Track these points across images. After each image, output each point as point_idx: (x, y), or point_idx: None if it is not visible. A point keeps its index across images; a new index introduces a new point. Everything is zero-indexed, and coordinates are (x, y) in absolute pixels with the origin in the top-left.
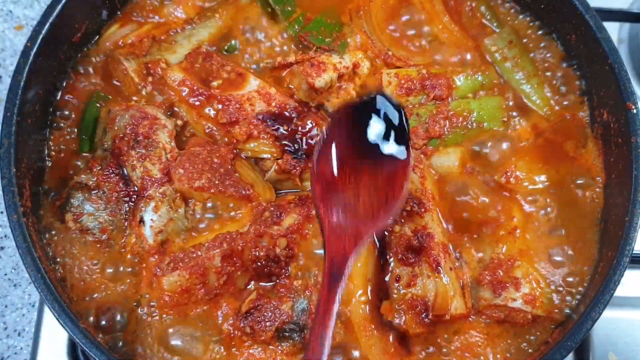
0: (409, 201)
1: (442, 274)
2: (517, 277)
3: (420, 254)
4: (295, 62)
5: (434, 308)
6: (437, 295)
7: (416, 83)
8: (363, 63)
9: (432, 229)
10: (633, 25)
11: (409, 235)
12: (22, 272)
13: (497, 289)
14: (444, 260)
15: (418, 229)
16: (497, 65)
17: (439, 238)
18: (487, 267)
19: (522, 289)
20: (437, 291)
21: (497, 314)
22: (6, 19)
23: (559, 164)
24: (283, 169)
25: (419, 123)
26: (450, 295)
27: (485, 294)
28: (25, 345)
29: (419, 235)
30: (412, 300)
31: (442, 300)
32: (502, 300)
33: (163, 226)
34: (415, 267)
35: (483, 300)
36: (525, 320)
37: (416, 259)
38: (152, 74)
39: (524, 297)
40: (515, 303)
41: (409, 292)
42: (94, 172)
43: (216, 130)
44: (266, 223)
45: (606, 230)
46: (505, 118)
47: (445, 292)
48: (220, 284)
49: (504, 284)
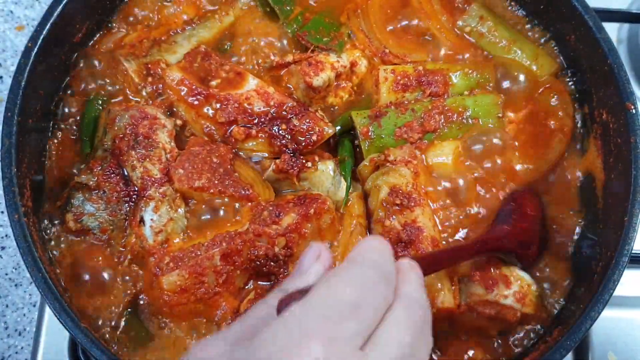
0: (399, 195)
1: None
2: (505, 274)
3: (409, 248)
4: (293, 62)
5: None
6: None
7: (412, 79)
8: (360, 62)
9: (421, 223)
10: (632, 26)
11: (398, 228)
12: (23, 272)
13: (488, 286)
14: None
15: (408, 222)
16: (478, 42)
17: (428, 232)
18: (477, 263)
19: (512, 287)
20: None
21: (487, 310)
22: (7, 20)
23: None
24: (281, 169)
25: (414, 118)
26: (438, 288)
27: (477, 290)
28: (26, 344)
29: (408, 229)
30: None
31: (428, 292)
32: (494, 297)
33: (163, 226)
34: None
35: (475, 296)
36: (514, 318)
37: (404, 253)
38: (152, 74)
39: (515, 294)
40: (507, 300)
41: None
42: (94, 172)
43: (215, 129)
44: (265, 222)
45: (605, 230)
46: (500, 114)
47: (431, 285)
48: (220, 283)
49: (494, 280)
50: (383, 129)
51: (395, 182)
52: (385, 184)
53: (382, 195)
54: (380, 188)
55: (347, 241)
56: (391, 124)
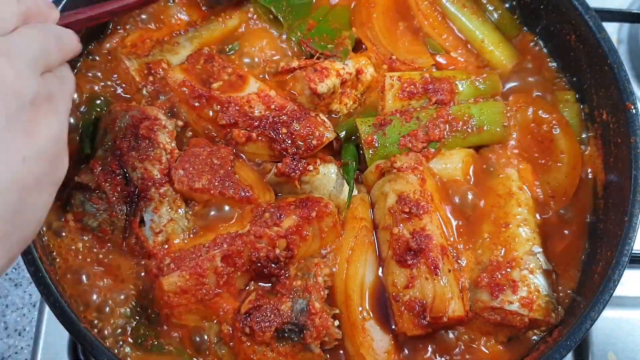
0: (407, 203)
1: (440, 276)
2: (514, 279)
3: (419, 256)
4: (298, 68)
5: (432, 310)
6: (435, 297)
7: (419, 87)
8: (366, 69)
9: (430, 230)
10: (632, 26)
11: (407, 237)
12: (23, 272)
13: (494, 292)
14: (442, 262)
15: (416, 230)
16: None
17: (437, 240)
18: (486, 269)
19: (520, 292)
20: (435, 293)
21: (493, 316)
22: None
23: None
24: (282, 172)
25: (419, 126)
26: (448, 297)
27: (482, 296)
28: (25, 345)
29: (417, 237)
30: (410, 302)
31: (439, 302)
32: (499, 303)
33: (163, 227)
34: (413, 269)
35: (480, 303)
36: (522, 323)
37: (414, 261)
38: (153, 74)
39: (521, 300)
40: (511, 306)
41: (407, 294)
42: (94, 172)
43: (215, 131)
44: (266, 224)
45: (605, 230)
46: (506, 123)
47: (443, 294)
48: (220, 284)
49: (501, 286)
50: (387, 138)
51: (403, 189)
52: (392, 191)
53: (390, 202)
54: (387, 195)
55: (351, 243)
56: (395, 133)
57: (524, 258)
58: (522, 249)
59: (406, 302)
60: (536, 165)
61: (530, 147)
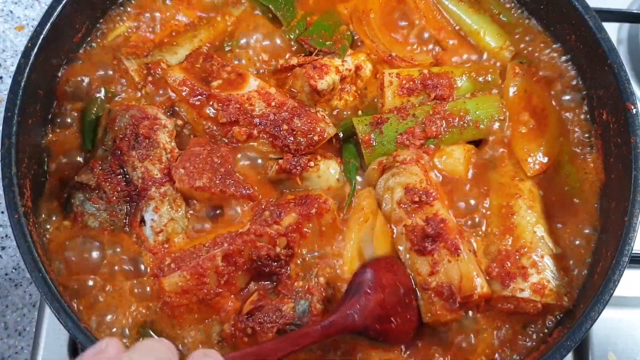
0: (416, 193)
1: (462, 256)
2: (524, 266)
3: (437, 241)
4: (297, 65)
5: (461, 290)
6: (462, 277)
7: (417, 83)
8: (365, 65)
9: (443, 214)
10: (632, 26)
11: (422, 224)
12: (23, 272)
13: (505, 281)
14: (462, 242)
15: (429, 217)
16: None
17: (452, 223)
18: (495, 259)
19: (530, 279)
20: (461, 273)
21: (506, 305)
22: (7, 20)
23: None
24: (284, 169)
25: (416, 123)
26: (474, 275)
27: (494, 287)
28: (26, 345)
29: (432, 223)
30: (437, 288)
31: (467, 281)
32: (511, 292)
33: (163, 226)
34: (434, 254)
35: (492, 293)
36: (535, 309)
37: (434, 247)
38: (152, 73)
39: (532, 286)
40: (523, 293)
41: (433, 281)
42: (94, 172)
43: (216, 130)
44: (266, 222)
45: (605, 230)
46: (502, 117)
47: (469, 272)
48: (221, 284)
49: (512, 274)
50: (384, 136)
51: (408, 181)
52: (398, 185)
53: (397, 196)
54: (394, 190)
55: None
56: (392, 131)
57: (533, 242)
58: (530, 236)
59: (434, 289)
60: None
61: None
